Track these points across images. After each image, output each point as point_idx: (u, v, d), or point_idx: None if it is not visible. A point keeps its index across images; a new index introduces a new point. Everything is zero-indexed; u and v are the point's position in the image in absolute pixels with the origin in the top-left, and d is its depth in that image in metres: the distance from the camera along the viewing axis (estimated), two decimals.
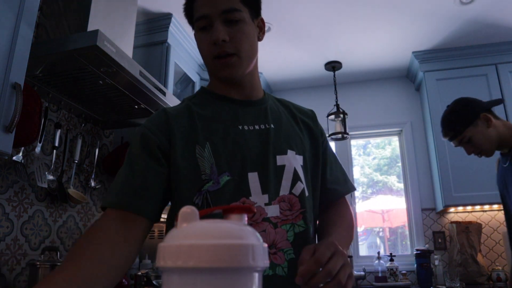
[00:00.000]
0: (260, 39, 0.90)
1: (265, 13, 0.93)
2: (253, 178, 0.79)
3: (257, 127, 0.86)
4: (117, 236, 0.71)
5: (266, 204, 0.78)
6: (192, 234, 0.31)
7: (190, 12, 0.88)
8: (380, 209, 3.41)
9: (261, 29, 0.90)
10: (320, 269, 0.60)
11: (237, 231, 0.32)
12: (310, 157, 0.90)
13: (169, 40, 2.40)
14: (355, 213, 3.28)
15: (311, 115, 0.99)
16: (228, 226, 0.33)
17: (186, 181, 0.79)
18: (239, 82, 0.88)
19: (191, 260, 0.29)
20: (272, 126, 0.87)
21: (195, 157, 0.80)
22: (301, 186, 0.83)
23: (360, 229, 3.31)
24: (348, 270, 0.62)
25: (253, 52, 0.86)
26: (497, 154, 1.81)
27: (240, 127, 0.84)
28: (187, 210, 0.33)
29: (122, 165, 0.81)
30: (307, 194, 0.85)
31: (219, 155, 0.80)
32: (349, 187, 0.96)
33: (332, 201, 0.94)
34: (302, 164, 0.86)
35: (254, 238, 0.33)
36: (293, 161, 0.84)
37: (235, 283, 0.30)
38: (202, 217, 0.34)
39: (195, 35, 0.88)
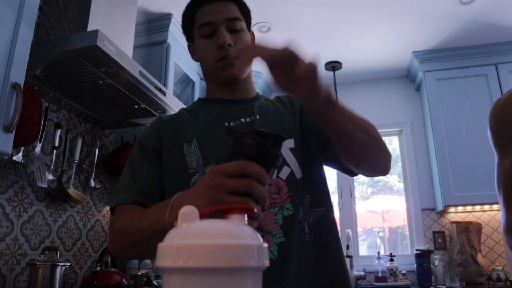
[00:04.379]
0: None
1: (265, 13, 0.96)
2: None
3: (242, 120, 0.89)
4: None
5: None
6: (192, 234, 0.31)
7: (190, 20, 0.94)
8: (380, 209, 3.41)
9: (252, 41, 0.99)
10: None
11: (237, 231, 0.32)
12: (306, 137, 0.90)
13: (169, 40, 2.40)
14: (355, 213, 3.28)
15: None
16: (228, 226, 0.33)
17: (175, 178, 0.84)
18: (234, 86, 0.93)
19: (191, 260, 0.29)
20: (257, 117, 0.90)
21: (183, 154, 0.85)
22: (287, 170, 0.84)
23: (360, 229, 3.31)
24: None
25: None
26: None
27: (227, 123, 0.89)
28: (187, 210, 0.33)
29: (123, 170, 0.89)
30: (298, 176, 0.84)
31: (205, 148, 0.85)
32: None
33: None
34: (293, 146, 0.87)
35: (254, 238, 0.33)
36: None
37: (234, 283, 0.30)
38: (202, 217, 0.34)
39: (196, 42, 0.94)
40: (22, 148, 1.60)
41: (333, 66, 3.16)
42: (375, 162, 0.80)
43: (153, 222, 0.67)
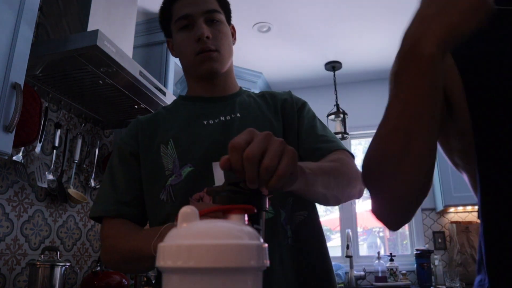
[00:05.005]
0: (233, 43, 0.96)
1: (265, 13, 0.96)
2: (218, 168, 0.79)
3: (222, 118, 0.86)
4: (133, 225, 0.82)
5: None
6: (192, 234, 0.31)
7: (168, 14, 0.93)
8: None
9: (232, 35, 0.96)
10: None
11: (237, 231, 0.32)
12: (287, 137, 0.85)
13: None
14: (355, 213, 3.28)
15: (287, 93, 0.97)
16: (228, 226, 0.33)
17: (152, 180, 0.83)
18: (214, 81, 0.90)
19: (191, 260, 0.29)
20: (238, 115, 0.86)
21: (160, 156, 0.83)
22: None
23: (360, 229, 3.31)
24: (274, 149, 0.50)
25: (231, 51, 0.92)
26: None
27: (205, 121, 0.86)
28: (187, 210, 0.33)
29: (103, 177, 0.88)
30: None
31: (181, 149, 0.82)
32: (337, 145, 0.85)
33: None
34: None
35: (254, 239, 0.32)
36: None
37: (235, 284, 0.30)
38: (202, 217, 0.34)
39: (174, 37, 0.91)
40: (22, 148, 1.60)
41: (333, 66, 3.16)
42: (348, 200, 0.80)
43: (142, 247, 0.69)
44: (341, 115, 2.98)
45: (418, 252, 2.77)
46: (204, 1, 0.88)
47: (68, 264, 1.65)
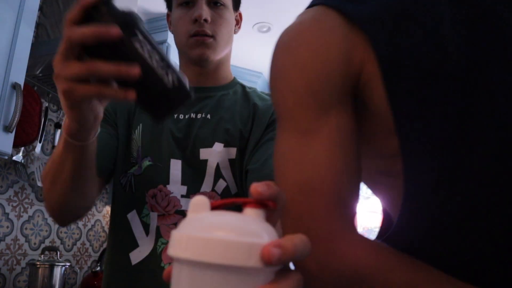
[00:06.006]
0: (235, 32, 0.88)
1: (265, 13, 0.94)
2: (176, 166, 0.76)
3: (193, 115, 0.80)
4: None
5: (182, 196, 0.74)
6: (205, 226, 0.29)
7: None
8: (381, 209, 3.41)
9: (237, 23, 0.88)
10: None
11: (252, 228, 0.30)
12: (251, 148, 0.77)
13: (169, 40, 2.40)
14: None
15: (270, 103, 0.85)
16: (244, 221, 0.31)
17: (119, 160, 0.79)
18: (204, 69, 0.83)
19: (201, 254, 0.27)
20: (207, 116, 0.80)
21: (130, 140, 0.80)
22: (223, 183, 0.76)
23: (360, 229, 3.31)
24: None
25: (229, 39, 0.84)
26: None
27: (175, 116, 0.81)
28: (199, 199, 0.31)
29: None
30: (233, 191, 0.76)
31: (145, 140, 0.79)
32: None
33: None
34: (233, 157, 0.77)
35: (271, 236, 0.30)
36: (216, 155, 0.76)
37: (246, 282, 0.28)
38: (215, 207, 0.32)
39: (172, 11, 0.85)
40: (22, 148, 1.60)
41: None
42: None
43: (55, 153, 0.61)
44: None
45: None
46: None
47: (68, 264, 1.65)
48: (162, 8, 2.36)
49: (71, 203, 0.66)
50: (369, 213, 3.43)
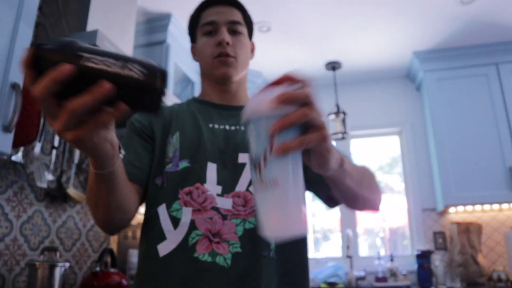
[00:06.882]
0: (250, 58, 1.02)
1: (265, 13, 0.97)
2: (212, 168, 0.85)
3: (227, 127, 0.92)
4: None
5: (218, 195, 0.82)
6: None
7: (196, 20, 0.99)
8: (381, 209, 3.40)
9: (252, 51, 1.03)
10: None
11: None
12: None
13: (168, 40, 2.40)
14: (355, 213, 3.27)
15: None
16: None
17: (155, 164, 0.87)
18: (226, 87, 0.95)
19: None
20: (241, 128, 0.92)
21: (165, 144, 0.88)
22: None
23: (360, 229, 3.31)
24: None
25: (247, 62, 0.98)
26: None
27: (211, 125, 0.91)
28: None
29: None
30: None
31: (184, 144, 0.87)
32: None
33: None
34: None
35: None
36: None
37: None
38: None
39: (197, 41, 0.98)
40: (22, 148, 1.60)
41: (333, 66, 3.15)
42: (372, 207, 0.82)
43: (89, 181, 0.70)
44: (341, 115, 2.97)
45: (419, 252, 2.77)
46: (230, 12, 0.95)
47: (68, 264, 1.65)
48: (162, 8, 2.37)
49: (115, 220, 0.75)
50: (369, 213, 3.42)
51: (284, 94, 0.47)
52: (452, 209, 2.88)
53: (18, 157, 1.58)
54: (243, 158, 0.86)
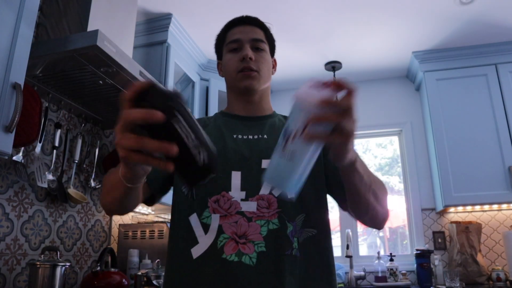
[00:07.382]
0: (272, 73, 1.10)
1: (265, 13, 0.99)
2: (236, 176, 0.91)
3: (250, 136, 0.99)
4: None
5: (242, 200, 0.89)
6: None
7: (222, 39, 1.08)
8: None
9: (273, 66, 1.11)
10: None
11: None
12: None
13: (169, 40, 2.40)
14: None
15: None
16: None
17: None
18: (250, 98, 1.03)
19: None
20: (265, 136, 0.99)
21: None
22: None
23: (360, 229, 3.31)
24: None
25: (269, 76, 1.05)
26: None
27: (235, 135, 0.98)
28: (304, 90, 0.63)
29: None
30: (289, 196, 0.90)
31: None
32: None
33: None
34: None
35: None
36: None
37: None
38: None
39: (223, 58, 1.06)
40: (22, 148, 1.60)
41: (333, 66, 3.15)
42: (374, 220, 0.88)
43: (115, 174, 0.76)
44: None
45: (418, 252, 2.77)
46: (253, 31, 1.04)
47: (68, 264, 1.65)
48: (162, 8, 2.37)
49: (120, 211, 0.87)
50: None
51: (330, 99, 0.59)
52: (451, 209, 2.89)
53: (18, 157, 1.59)
54: (266, 164, 0.91)
